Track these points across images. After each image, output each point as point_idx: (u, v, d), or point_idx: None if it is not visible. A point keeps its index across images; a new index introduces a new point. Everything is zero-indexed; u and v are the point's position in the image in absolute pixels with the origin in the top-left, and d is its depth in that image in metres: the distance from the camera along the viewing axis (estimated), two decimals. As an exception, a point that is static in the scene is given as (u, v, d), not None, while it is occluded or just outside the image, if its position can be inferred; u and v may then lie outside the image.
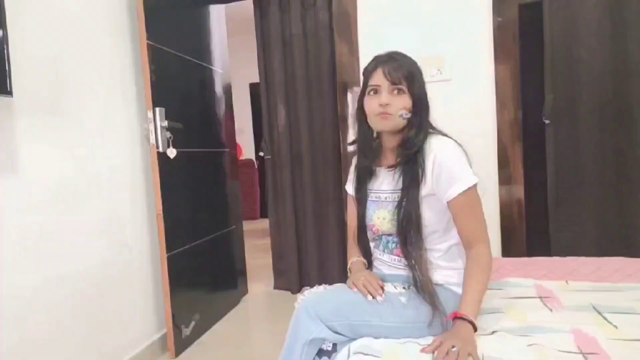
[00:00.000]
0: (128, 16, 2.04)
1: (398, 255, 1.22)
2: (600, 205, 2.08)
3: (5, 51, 1.35)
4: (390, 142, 1.24)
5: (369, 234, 1.31)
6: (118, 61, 1.99)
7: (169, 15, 2.16)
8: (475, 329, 1.04)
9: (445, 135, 1.20)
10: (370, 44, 2.34)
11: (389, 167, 1.23)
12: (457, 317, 1.06)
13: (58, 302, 1.61)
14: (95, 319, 1.78)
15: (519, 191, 2.21)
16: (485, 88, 2.15)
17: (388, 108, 1.16)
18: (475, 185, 1.14)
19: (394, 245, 1.24)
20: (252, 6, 2.83)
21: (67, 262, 1.66)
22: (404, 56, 1.21)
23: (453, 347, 0.96)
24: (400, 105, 1.16)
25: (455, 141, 1.18)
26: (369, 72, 1.20)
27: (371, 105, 1.19)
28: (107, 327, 1.84)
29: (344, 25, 2.40)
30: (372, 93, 1.19)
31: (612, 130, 2.05)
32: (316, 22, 2.70)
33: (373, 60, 1.21)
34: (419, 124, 1.17)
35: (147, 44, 1.94)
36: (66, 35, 1.70)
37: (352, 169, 1.37)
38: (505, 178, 2.20)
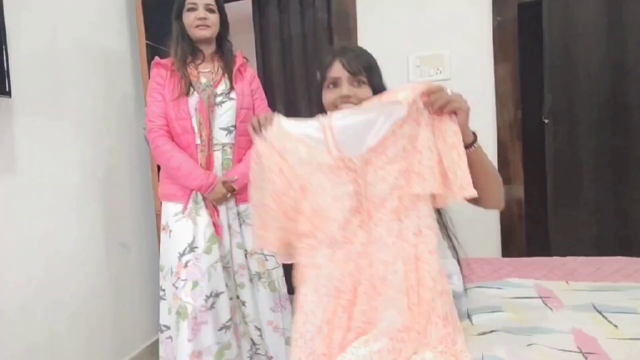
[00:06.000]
0: (127, 16, 2.04)
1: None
2: (600, 205, 2.08)
3: (4, 52, 1.35)
4: None
5: None
6: (117, 61, 1.98)
7: (168, 15, 2.15)
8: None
9: None
10: (369, 44, 2.33)
11: None
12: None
13: (57, 303, 1.61)
14: (93, 320, 1.77)
15: (518, 191, 2.21)
16: (485, 87, 2.14)
17: (351, 100, 1.09)
18: None
19: None
20: (250, 6, 2.83)
21: (66, 262, 1.66)
22: (360, 48, 1.21)
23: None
24: (362, 96, 1.08)
25: None
26: (325, 65, 1.14)
27: (329, 98, 1.12)
28: (106, 328, 1.84)
29: (343, 25, 2.39)
30: (331, 86, 1.12)
31: (611, 129, 2.04)
32: (315, 22, 2.69)
33: (328, 53, 1.17)
34: None
35: (146, 44, 1.94)
36: (65, 35, 1.70)
37: None
38: (505, 178, 2.18)
